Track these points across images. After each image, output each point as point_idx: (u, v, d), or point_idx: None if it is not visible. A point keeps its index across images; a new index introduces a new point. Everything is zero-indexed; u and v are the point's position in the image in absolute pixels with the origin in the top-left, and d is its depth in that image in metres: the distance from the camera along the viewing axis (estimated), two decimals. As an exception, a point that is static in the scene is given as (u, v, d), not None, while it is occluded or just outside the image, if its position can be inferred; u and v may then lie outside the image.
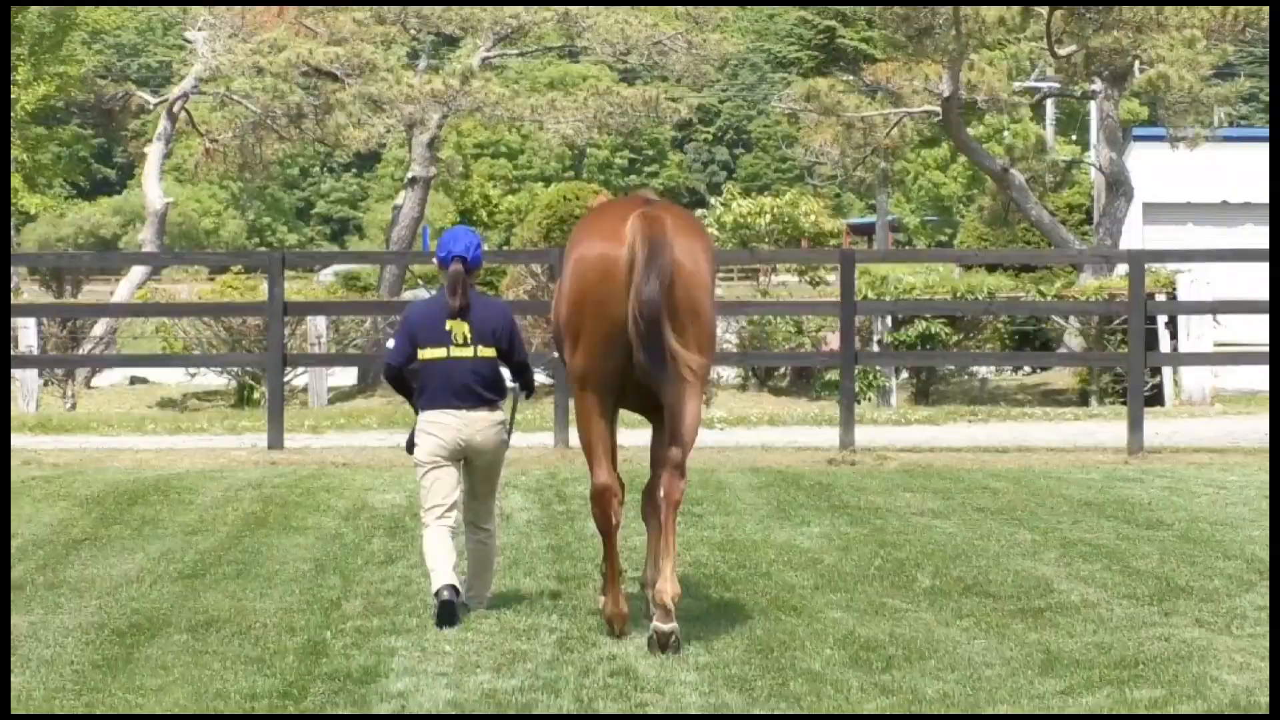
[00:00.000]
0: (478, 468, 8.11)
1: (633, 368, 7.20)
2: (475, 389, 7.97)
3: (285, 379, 19.18)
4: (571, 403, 7.55)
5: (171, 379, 27.34)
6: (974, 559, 9.39)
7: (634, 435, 9.84)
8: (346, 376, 27.24)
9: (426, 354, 8.02)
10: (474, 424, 7.97)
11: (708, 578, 8.75)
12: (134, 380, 28.59)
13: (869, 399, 23.25)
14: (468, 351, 7.99)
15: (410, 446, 8.13)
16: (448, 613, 7.68)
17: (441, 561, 7.88)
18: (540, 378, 23.65)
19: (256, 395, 24.12)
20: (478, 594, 8.12)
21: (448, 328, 7.99)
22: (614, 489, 7.47)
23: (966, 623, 7.69)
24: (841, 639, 7.29)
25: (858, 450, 15.23)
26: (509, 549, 9.61)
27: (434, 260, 8.28)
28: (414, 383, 8.16)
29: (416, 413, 8.13)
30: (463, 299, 7.98)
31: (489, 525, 8.23)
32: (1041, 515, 11.22)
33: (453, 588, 7.78)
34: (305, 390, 24.77)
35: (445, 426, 7.96)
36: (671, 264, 7.13)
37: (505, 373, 8.26)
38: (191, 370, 26.01)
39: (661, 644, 7.08)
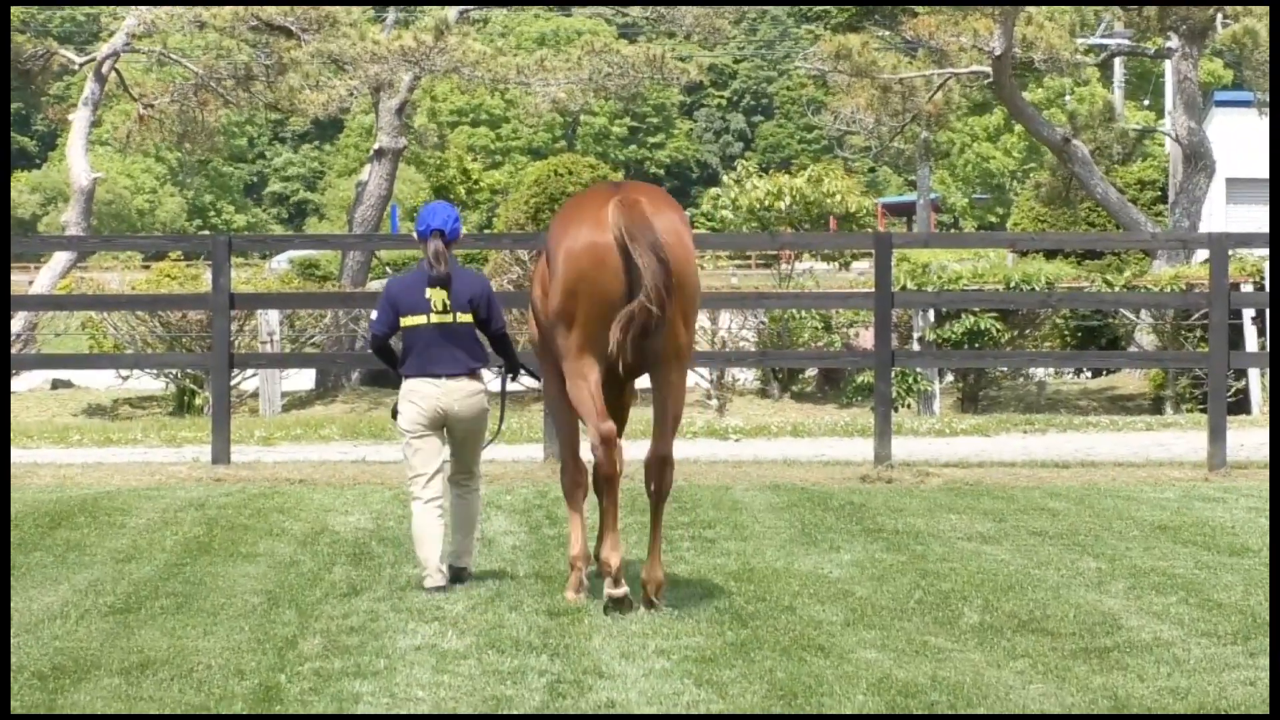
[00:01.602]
0: (458, 435, 9.52)
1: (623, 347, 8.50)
2: (455, 355, 9.40)
3: (232, 382, 19.22)
4: (562, 373, 8.92)
5: (100, 382, 27.37)
6: (1030, 591, 9.41)
7: (634, 449, 9.88)
8: (303, 380, 27.27)
9: (407, 321, 9.44)
10: (453, 392, 9.38)
11: (721, 612, 8.76)
12: (56, 384, 28.67)
13: (908, 406, 23.29)
14: (447, 318, 9.41)
15: (395, 413, 9.55)
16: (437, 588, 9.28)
17: (430, 550, 9.28)
18: (527, 380, 23.74)
19: (199, 401, 24.17)
20: (462, 551, 9.56)
21: (427, 295, 9.40)
22: (617, 434, 8.71)
23: (1021, 664, 7.71)
24: (876, 683, 7.31)
25: (895, 465, 15.26)
26: (491, 579, 9.65)
27: (414, 234, 9.61)
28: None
29: (399, 381, 9.55)
30: (443, 267, 9.35)
31: (471, 482, 9.65)
32: (1108, 540, 11.25)
33: (441, 573, 9.25)
34: (255, 396, 24.82)
35: (425, 395, 9.38)
36: (661, 244, 8.48)
37: (488, 371, 9.68)
38: (123, 372, 26.07)
39: (615, 607, 8.56)
